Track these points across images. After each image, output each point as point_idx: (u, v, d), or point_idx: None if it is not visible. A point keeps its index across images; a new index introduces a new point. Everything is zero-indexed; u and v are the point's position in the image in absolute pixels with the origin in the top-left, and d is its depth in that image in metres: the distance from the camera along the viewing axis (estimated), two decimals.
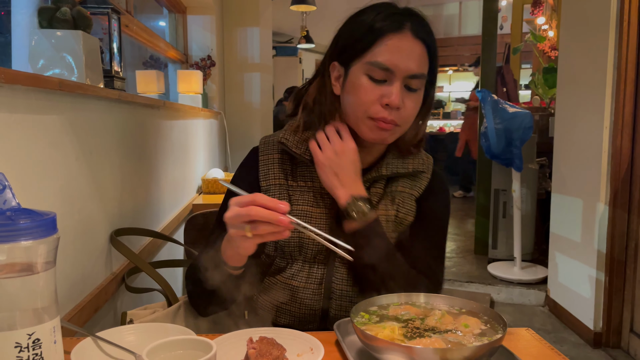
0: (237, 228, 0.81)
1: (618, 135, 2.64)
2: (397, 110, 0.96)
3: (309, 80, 1.11)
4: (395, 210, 1.07)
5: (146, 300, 1.62)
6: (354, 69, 0.99)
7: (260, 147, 1.11)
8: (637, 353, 2.60)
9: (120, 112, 1.57)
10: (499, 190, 3.87)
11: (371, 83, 0.96)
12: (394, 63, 0.95)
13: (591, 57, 2.80)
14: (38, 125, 1.04)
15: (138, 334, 0.87)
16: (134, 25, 2.48)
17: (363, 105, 0.97)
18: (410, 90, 0.98)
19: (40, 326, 0.60)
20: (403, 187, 1.09)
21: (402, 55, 0.95)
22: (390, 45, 0.95)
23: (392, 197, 1.08)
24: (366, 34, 0.97)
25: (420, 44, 0.97)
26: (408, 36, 0.96)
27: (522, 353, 0.81)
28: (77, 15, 1.34)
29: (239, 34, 4.26)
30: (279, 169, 1.07)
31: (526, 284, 3.52)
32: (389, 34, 0.96)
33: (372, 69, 0.96)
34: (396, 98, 0.95)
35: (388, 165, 1.07)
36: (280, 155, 1.08)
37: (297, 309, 1.06)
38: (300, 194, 1.06)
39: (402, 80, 0.96)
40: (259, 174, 1.07)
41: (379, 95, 0.96)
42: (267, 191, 1.06)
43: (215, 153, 3.74)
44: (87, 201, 1.29)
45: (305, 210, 1.04)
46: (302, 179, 1.07)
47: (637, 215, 2.59)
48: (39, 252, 0.60)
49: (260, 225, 0.79)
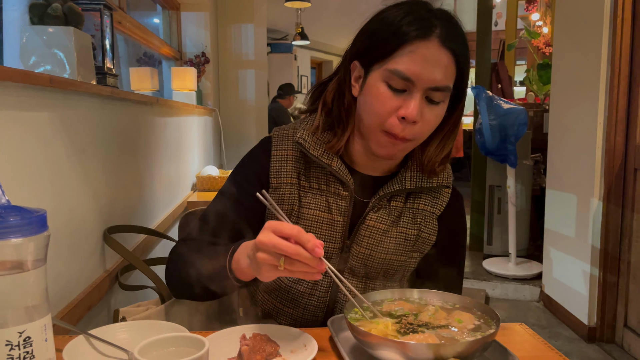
0: (270, 255, 0.75)
1: (612, 131, 2.64)
2: (414, 124, 0.90)
3: (329, 76, 1.04)
4: (416, 230, 1.02)
5: (140, 298, 1.62)
6: (374, 73, 0.91)
7: (274, 140, 1.03)
8: (631, 348, 2.62)
9: (113, 109, 1.56)
10: (494, 187, 3.88)
11: (389, 92, 0.89)
12: (416, 73, 0.87)
13: (585, 53, 2.81)
14: (29, 122, 1.03)
15: (131, 332, 0.86)
16: (127, 21, 2.46)
17: (378, 117, 0.91)
18: (431, 102, 0.90)
19: (31, 324, 0.60)
20: (425, 204, 1.03)
21: (426, 65, 0.87)
22: (413, 54, 0.87)
23: (412, 215, 1.02)
24: (389, 37, 0.89)
25: (447, 54, 0.88)
26: (435, 44, 0.87)
27: (516, 348, 0.81)
28: (68, 12, 1.34)
29: (234, 30, 4.25)
30: (292, 167, 1.00)
31: (521, 280, 3.53)
32: (413, 41, 0.87)
33: (392, 77, 0.88)
34: (413, 111, 0.88)
35: (412, 179, 1.01)
36: (295, 153, 1.01)
37: (300, 314, 1.04)
38: (312, 197, 1.00)
39: (423, 91, 0.89)
40: (270, 169, 1.01)
41: (396, 106, 0.89)
42: (277, 189, 1.00)
43: (210, 150, 3.74)
44: (80, 199, 1.28)
45: (316, 215, 0.99)
46: (316, 181, 1.00)
47: (631, 211, 2.60)
48: (29, 249, 0.59)
49: (296, 264, 0.74)
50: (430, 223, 1.03)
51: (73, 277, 1.23)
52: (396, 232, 1.01)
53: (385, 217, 1.00)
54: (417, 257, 1.05)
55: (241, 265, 0.84)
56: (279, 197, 1.00)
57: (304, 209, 0.99)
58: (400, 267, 1.04)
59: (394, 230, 1.01)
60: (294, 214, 1.00)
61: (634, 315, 2.60)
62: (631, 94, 2.61)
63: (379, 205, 1.01)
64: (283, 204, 0.99)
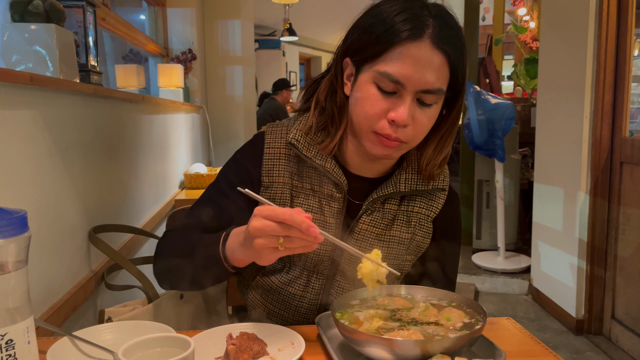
0: (267, 239, 0.75)
1: (598, 125, 2.67)
2: (404, 127, 0.87)
3: (322, 73, 1.01)
4: (411, 234, 1.00)
5: (127, 298, 1.61)
6: (364, 74, 0.89)
7: (267, 137, 1.01)
8: (618, 339, 2.65)
9: (97, 107, 1.54)
10: (482, 181, 3.90)
11: (379, 94, 0.87)
12: (406, 76, 0.84)
13: (571, 48, 2.83)
14: (8, 120, 1.02)
15: (116, 332, 0.85)
16: (112, 18, 2.43)
17: (368, 119, 0.88)
18: (423, 105, 0.88)
19: (13, 327, 0.59)
20: (419, 207, 1.00)
21: (417, 67, 0.84)
22: (404, 56, 0.84)
23: (407, 218, 1.00)
24: (380, 36, 0.86)
25: (440, 55, 0.85)
26: (427, 45, 0.84)
27: (503, 342, 0.81)
28: (50, 9, 1.31)
29: (220, 26, 4.22)
30: (284, 166, 0.98)
31: (510, 274, 3.56)
32: (404, 42, 0.84)
33: (382, 79, 0.86)
34: (403, 115, 0.85)
35: (407, 181, 0.98)
36: (288, 151, 0.99)
37: (291, 316, 1.03)
38: (304, 198, 0.98)
39: (414, 94, 0.86)
40: (262, 167, 0.99)
41: (385, 108, 0.87)
42: (269, 188, 0.98)
43: (198, 148, 3.71)
44: (63, 198, 1.26)
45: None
46: (309, 181, 0.98)
47: (617, 204, 2.63)
48: (9, 251, 0.58)
49: (295, 240, 0.74)
50: (425, 226, 1.01)
51: (57, 278, 1.21)
52: (390, 236, 0.99)
53: (379, 221, 0.99)
54: (412, 260, 1.03)
55: (236, 255, 0.83)
56: (271, 196, 0.98)
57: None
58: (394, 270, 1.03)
59: (387, 234, 0.99)
60: None
61: (621, 307, 2.63)
62: (617, 87, 2.63)
63: (373, 208, 0.99)
64: (274, 204, 0.98)
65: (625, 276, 2.58)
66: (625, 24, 2.57)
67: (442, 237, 1.04)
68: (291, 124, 1.01)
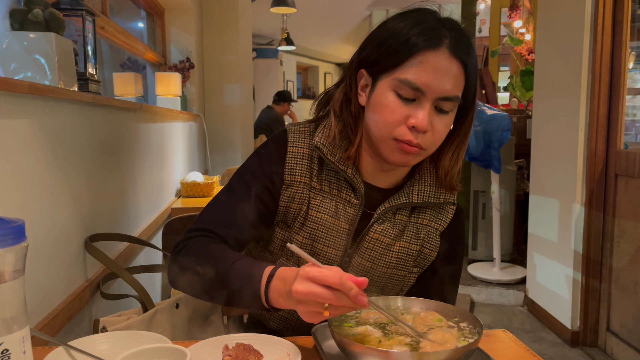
0: (311, 306, 0.73)
1: (593, 137, 2.68)
2: (424, 133, 0.89)
3: (334, 84, 1.03)
4: (419, 246, 1.01)
5: (123, 307, 1.60)
6: (382, 82, 0.91)
7: (290, 136, 1.01)
8: (613, 351, 2.65)
9: (95, 116, 1.55)
10: (478, 192, 3.91)
11: (398, 101, 0.89)
12: (426, 83, 0.87)
13: (566, 60, 2.85)
14: (7, 129, 1.02)
15: (111, 342, 0.85)
16: (110, 27, 2.44)
17: (387, 126, 0.90)
18: (441, 112, 0.90)
19: (9, 336, 0.59)
20: (429, 220, 1.02)
21: (437, 75, 0.87)
22: (424, 63, 0.87)
23: (416, 230, 1.01)
24: (399, 47, 0.88)
25: (457, 64, 0.89)
26: (445, 54, 0.88)
27: (499, 355, 0.81)
28: (49, 17, 1.32)
29: (219, 36, 4.24)
30: (306, 166, 0.99)
31: (505, 285, 3.56)
32: (424, 51, 0.87)
33: (402, 86, 0.88)
34: (424, 121, 0.87)
35: (420, 193, 1.00)
36: (310, 152, 1.00)
37: (295, 319, 1.02)
38: (321, 200, 0.98)
39: (433, 101, 0.89)
40: (285, 165, 0.99)
41: (405, 115, 0.89)
42: (290, 186, 0.98)
43: (195, 156, 3.71)
44: (60, 207, 1.26)
45: (323, 219, 0.98)
46: (327, 184, 0.99)
47: (612, 216, 2.64)
48: (7, 260, 0.58)
49: (340, 308, 0.73)
50: (433, 239, 1.02)
51: (53, 287, 1.21)
52: (399, 246, 1.00)
53: (389, 231, 0.99)
54: (417, 272, 1.04)
55: (280, 303, 0.81)
56: (291, 194, 0.98)
57: (312, 210, 0.98)
58: (399, 282, 1.03)
59: (396, 245, 1.00)
60: (301, 215, 0.98)
61: (616, 319, 2.64)
62: (612, 100, 2.65)
63: (384, 218, 1.00)
64: (293, 203, 0.98)
65: (621, 288, 2.58)
66: (620, 37, 2.59)
67: (446, 252, 1.04)
68: (312, 127, 1.02)
